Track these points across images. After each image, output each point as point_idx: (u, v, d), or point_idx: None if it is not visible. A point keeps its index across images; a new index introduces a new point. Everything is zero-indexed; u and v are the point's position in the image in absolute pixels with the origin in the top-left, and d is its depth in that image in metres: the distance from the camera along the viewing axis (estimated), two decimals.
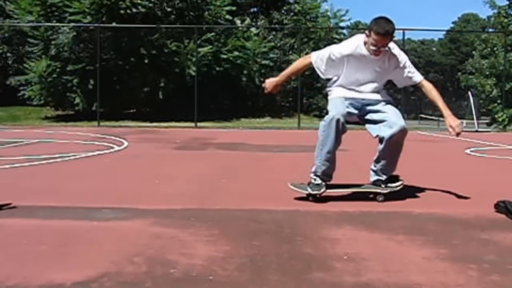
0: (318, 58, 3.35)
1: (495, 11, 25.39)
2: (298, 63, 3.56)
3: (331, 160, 3.16)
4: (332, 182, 3.24)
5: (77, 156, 5.60)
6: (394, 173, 3.35)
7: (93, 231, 2.42)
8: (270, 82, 3.52)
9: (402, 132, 3.16)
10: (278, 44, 20.09)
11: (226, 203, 3.12)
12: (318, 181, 3.17)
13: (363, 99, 3.29)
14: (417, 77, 3.31)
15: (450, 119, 3.16)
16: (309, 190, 3.16)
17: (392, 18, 3.14)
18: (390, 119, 3.19)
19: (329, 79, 3.44)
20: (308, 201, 3.15)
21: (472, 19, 52.72)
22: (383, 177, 3.27)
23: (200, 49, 15.49)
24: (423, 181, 4.18)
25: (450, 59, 50.33)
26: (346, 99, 3.27)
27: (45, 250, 2.10)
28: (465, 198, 3.43)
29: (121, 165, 5.28)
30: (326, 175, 3.20)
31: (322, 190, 3.16)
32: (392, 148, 3.20)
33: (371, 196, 3.27)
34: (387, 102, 3.30)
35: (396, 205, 3.14)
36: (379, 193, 3.24)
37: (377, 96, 3.31)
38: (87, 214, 2.73)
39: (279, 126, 15.43)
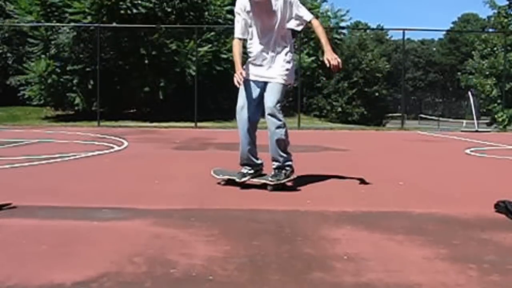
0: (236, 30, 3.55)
1: (495, 11, 25.43)
2: (235, 49, 3.61)
3: (246, 151, 3.58)
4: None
5: (77, 156, 5.59)
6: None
7: (93, 231, 2.43)
8: (239, 76, 3.43)
9: (269, 120, 3.43)
10: None
11: (226, 203, 3.12)
12: (244, 170, 3.60)
13: (262, 76, 3.49)
14: (307, 16, 3.55)
15: (328, 53, 3.36)
16: (235, 178, 3.55)
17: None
18: (265, 101, 3.45)
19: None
20: (307, 201, 3.15)
21: (472, 19, 52.70)
22: (274, 164, 3.55)
23: (199, 49, 15.48)
24: (423, 181, 4.19)
25: (450, 59, 50.28)
26: (250, 81, 3.50)
27: (45, 250, 2.10)
28: (465, 198, 3.43)
29: (121, 165, 5.28)
30: (247, 163, 3.62)
31: (244, 179, 3.54)
32: (269, 132, 3.52)
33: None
34: (280, 77, 3.48)
35: (396, 205, 3.14)
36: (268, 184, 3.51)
37: (273, 73, 3.48)
38: (87, 214, 2.73)
39: None
